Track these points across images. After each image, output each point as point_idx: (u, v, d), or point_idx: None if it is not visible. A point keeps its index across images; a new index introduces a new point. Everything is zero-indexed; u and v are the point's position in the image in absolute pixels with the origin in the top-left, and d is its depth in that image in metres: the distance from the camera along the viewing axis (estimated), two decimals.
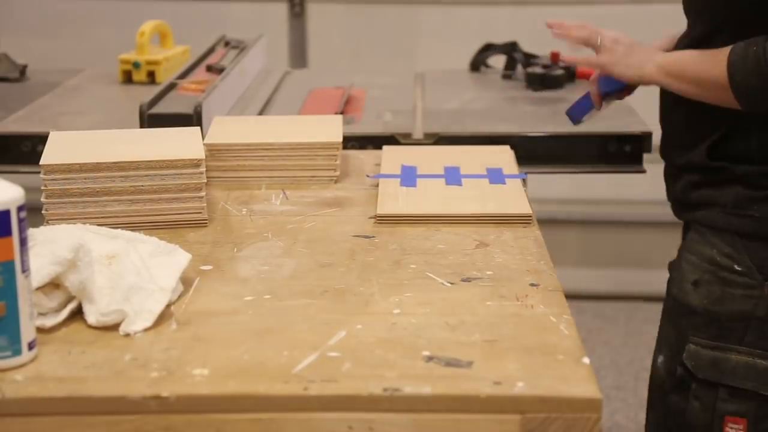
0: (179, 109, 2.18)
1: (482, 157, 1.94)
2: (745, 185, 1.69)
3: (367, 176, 1.88)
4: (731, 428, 1.70)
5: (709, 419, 1.71)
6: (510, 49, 2.82)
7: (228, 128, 1.96)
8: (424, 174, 1.83)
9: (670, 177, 1.84)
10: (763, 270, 1.69)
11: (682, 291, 1.76)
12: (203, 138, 1.82)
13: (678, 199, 1.82)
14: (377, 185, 1.79)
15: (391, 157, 1.95)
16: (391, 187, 1.77)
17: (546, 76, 2.61)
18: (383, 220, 1.64)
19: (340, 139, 1.88)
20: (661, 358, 1.80)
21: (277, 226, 1.64)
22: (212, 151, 1.84)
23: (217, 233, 1.61)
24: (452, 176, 1.83)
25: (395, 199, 1.71)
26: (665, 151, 1.83)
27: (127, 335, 1.25)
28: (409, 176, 1.83)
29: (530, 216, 1.64)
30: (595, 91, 1.86)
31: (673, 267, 1.82)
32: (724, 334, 1.70)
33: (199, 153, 1.65)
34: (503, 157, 1.95)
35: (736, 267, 1.70)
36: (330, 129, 1.93)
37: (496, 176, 1.83)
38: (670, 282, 1.82)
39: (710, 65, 1.64)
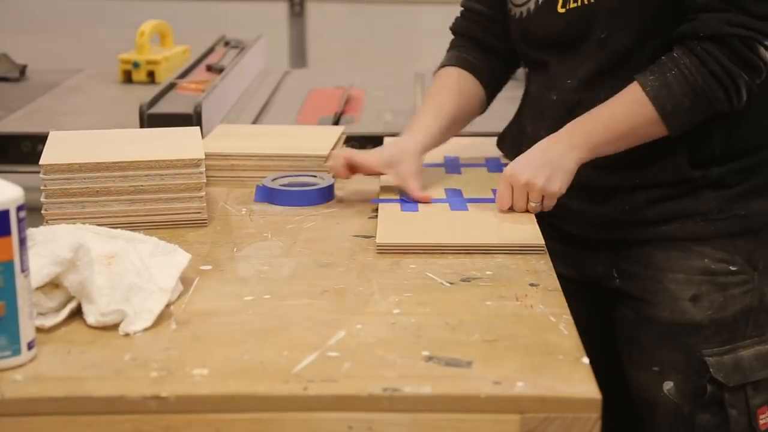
0: (179, 109, 2.18)
1: (480, 148, 1.95)
2: (720, 187, 1.65)
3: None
4: (763, 419, 1.68)
5: (747, 421, 1.67)
6: None
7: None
8: (424, 163, 1.83)
9: (593, 201, 1.69)
10: (752, 262, 1.67)
11: (678, 311, 1.67)
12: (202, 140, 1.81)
13: (616, 222, 1.69)
14: (377, 186, 1.79)
15: None
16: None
17: None
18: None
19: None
20: (669, 385, 1.68)
21: (277, 226, 1.64)
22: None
23: (217, 233, 1.61)
24: (452, 166, 1.87)
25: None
26: (589, 174, 1.65)
27: (127, 335, 1.25)
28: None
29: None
30: None
31: (647, 292, 1.70)
32: (732, 336, 1.67)
33: (199, 153, 1.65)
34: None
35: (731, 268, 1.67)
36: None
37: (494, 165, 1.86)
38: (645, 307, 1.70)
39: (630, 113, 1.58)
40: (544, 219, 1.68)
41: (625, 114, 1.59)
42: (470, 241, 1.52)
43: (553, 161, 1.59)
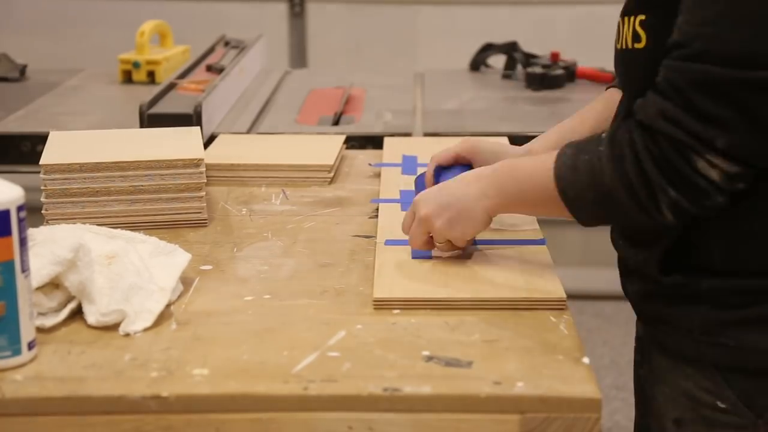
0: (179, 109, 2.18)
1: None
2: (712, 305, 1.31)
3: (369, 164, 1.90)
4: None
5: None
6: (510, 49, 2.83)
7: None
8: (424, 163, 1.83)
9: (620, 265, 1.47)
10: (753, 406, 1.32)
11: (663, 430, 1.41)
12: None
13: (632, 300, 1.45)
14: (377, 186, 1.80)
15: (393, 147, 1.98)
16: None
17: (546, 76, 2.61)
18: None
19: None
20: None
21: (277, 226, 1.64)
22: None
23: (217, 233, 1.61)
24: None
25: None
26: (612, 234, 1.46)
27: (127, 335, 1.25)
28: (410, 166, 1.86)
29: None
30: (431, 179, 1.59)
31: (645, 385, 1.47)
32: None
33: (199, 153, 1.65)
34: None
35: (720, 404, 1.33)
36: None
37: None
38: (638, 411, 1.51)
39: (543, 185, 1.33)
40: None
41: (539, 182, 1.34)
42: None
43: (460, 203, 1.40)
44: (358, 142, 2.18)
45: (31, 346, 1.19)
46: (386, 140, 2.05)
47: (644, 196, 1.25)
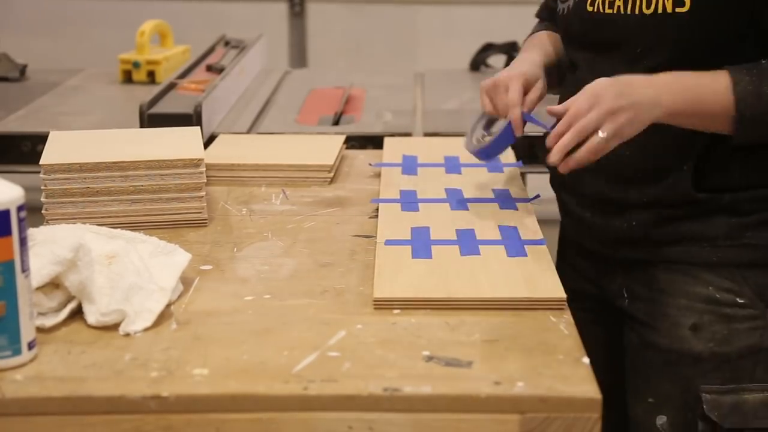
0: (179, 109, 2.18)
1: None
2: (733, 213, 1.52)
3: (369, 164, 1.90)
4: None
5: None
6: (510, 48, 2.83)
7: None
8: (424, 163, 1.84)
9: (604, 214, 1.59)
10: (764, 297, 1.53)
11: (677, 339, 1.55)
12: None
13: (624, 238, 1.58)
14: (377, 186, 1.80)
15: (393, 147, 1.99)
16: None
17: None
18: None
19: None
20: (662, 419, 1.56)
21: (277, 226, 1.64)
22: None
23: (217, 233, 1.61)
24: (452, 167, 1.87)
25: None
26: (601, 186, 1.58)
27: (127, 335, 1.25)
28: (410, 165, 1.87)
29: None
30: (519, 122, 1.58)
31: (650, 316, 1.58)
32: (736, 375, 1.53)
33: (199, 153, 1.65)
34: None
35: (738, 300, 1.52)
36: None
37: (494, 165, 1.86)
38: (648, 333, 1.58)
39: (711, 101, 1.44)
40: (567, 233, 1.67)
41: (708, 97, 1.43)
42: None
43: (642, 107, 1.41)
44: (358, 142, 2.18)
45: (31, 346, 1.19)
46: (386, 140, 2.05)
47: None
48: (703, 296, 1.54)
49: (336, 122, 2.35)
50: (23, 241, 1.16)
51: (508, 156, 1.91)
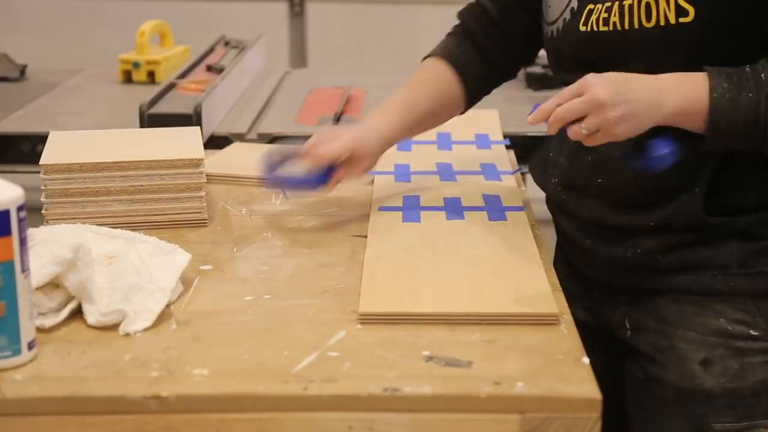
0: (179, 109, 2.18)
1: (471, 123, 2.00)
2: (746, 238, 1.43)
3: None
4: None
5: None
6: None
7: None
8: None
9: (607, 241, 1.51)
10: None
11: (687, 375, 1.45)
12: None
13: (628, 266, 1.49)
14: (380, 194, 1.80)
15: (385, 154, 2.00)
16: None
17: (546, 76, 2.61)
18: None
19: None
20: None
21: (277, 226, 1.64)
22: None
23: (217, 233, 1.61)
24: (444, 143, 1.97)
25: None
26: (602, 211, 1.50)
27: (127, 335, 1.25)
28: (404, 142, 1.89)
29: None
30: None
31: (656, 349, 1.49)
32: (750, 412, 1.45)
33: (199, 153, 1.65)
34: (491, 123, 2.09)
35: (752, 332, 1.44)
36: None
37: (483, 142, 1.96)
38: (654, 367, 1.49)
39: (691, 100, 1.35)
40: (565, 257, 1.61)
41: (687, 93, 1.34)
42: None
43: (642, 104, 1.33)
44: None
45: (31, 346, 1.19)
46: None
47: None
48: (714, 329, 1.45)
49: (336, 122, 2.35)
50: (23, 241, 1.16)
51: (498, 134, 2.04)
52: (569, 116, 1.33)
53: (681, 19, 1.37)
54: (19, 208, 1.16)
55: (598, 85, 1.32)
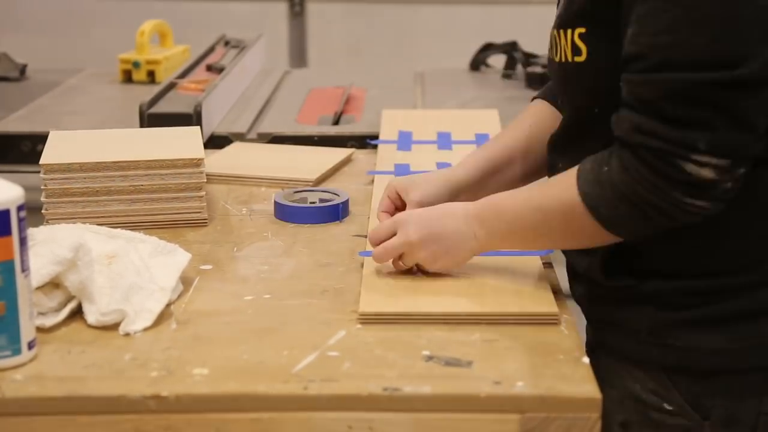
0: (179, 109, 2.18)
1: (471, 123, 2.03)
2: (659, 306, 1.31)
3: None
4: None
5: None
6: (510, 48, 2.83)
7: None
8: (419, 140, 1.91)
9: (568, 269, 1.45)
10: (699, 407, 1.31)
11: None
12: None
13: (580, 304, 1.43)
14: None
15: (390, 121, 2.08)
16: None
17: (546, 76, 2.61)
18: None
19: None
20: None
21: (277, 225, 1.64)
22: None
23: (217, 233, 1.61)
24: (444, 143, 1.98)
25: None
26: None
27: (127, 335, 1.25)
28: (405, 142, 1.92)
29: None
30: None
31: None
32: None
33: (199, 153, 1.65)
34: (491, 123, 2.08)
35: (666, 406, 1.32)
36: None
37: (483, 142, 1.94)
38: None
39: (556, 202, 1.30)
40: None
41: (547, 201, 1.31)
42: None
43: (450, 241, 1.36)
44: (358, 141, 2.18)
45: (31, 345, 1.19)
46: (384, 113, 2.12)
47: (661, 204, 1.22)
48: (630, 392, 1.35)
49: (336, 122, 2.35)
50: (23, 241, 1.16)
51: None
52: (386, 258, 1.39)
53: (576, 58, 1.32)
54: (19, 208, 1.16)
55: (410, 224, 1.37)
